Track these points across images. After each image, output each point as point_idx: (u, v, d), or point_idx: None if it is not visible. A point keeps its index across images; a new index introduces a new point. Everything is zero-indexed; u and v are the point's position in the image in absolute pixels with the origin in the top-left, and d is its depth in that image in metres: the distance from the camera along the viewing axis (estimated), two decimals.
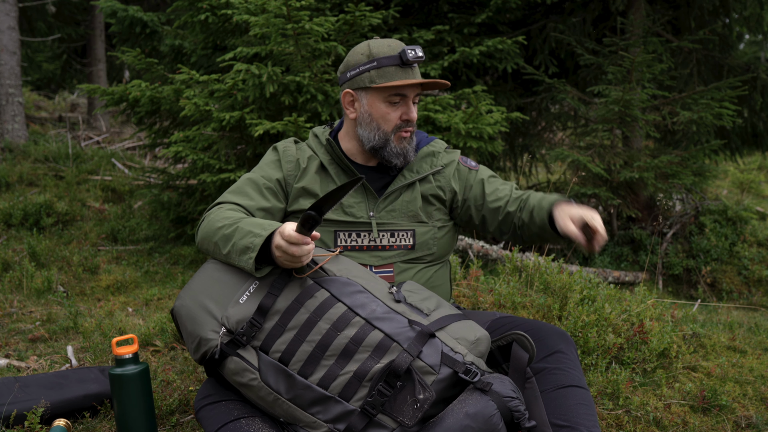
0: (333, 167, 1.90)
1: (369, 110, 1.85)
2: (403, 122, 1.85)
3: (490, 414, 1.44)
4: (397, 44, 1.83)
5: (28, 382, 2.16)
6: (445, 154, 2.00)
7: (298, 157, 1.91)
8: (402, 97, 1.84)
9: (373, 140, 1.86)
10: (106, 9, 4.62)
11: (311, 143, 1.96)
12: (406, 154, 1.88)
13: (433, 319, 1.60)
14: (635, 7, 4.68)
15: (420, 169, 1.93)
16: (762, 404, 2.34)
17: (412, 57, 1.79)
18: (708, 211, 4.88)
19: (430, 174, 1.94)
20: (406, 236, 1.88)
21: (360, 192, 1.89)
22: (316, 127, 2.02)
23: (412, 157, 1.90)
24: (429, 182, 1.94)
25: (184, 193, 4.47)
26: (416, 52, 1.80)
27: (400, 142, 1.86)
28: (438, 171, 1.95)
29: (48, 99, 12.14)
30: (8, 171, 5.76)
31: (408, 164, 1.93)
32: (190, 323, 1.64)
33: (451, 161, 1.98)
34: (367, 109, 1.86)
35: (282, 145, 1.96)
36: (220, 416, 1.61)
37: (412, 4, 4.50)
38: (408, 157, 1.89)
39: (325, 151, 1.92)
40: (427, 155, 1.97)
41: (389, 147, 1.86)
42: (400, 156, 1.87)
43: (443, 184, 1.94)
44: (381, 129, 1.85)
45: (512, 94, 4.88)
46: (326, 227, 1.84)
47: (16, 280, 3.51)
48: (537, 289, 2.88)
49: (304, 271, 1.64)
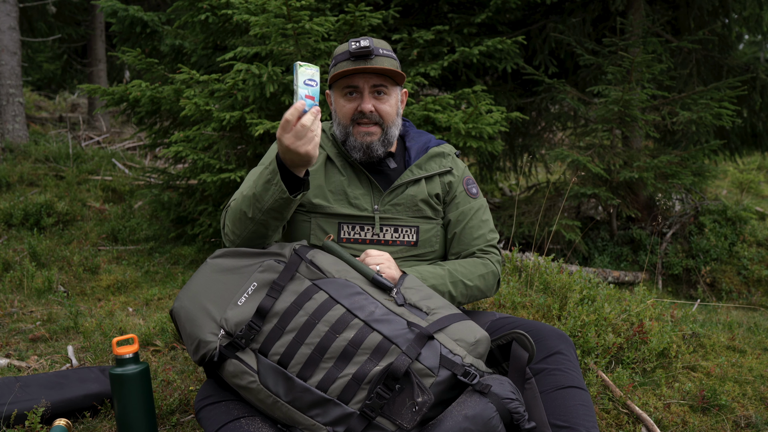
0: (339, 160, 1.92)
1: (334, 107, 1.92)
2: (358, 113, 1.86)
3: (489, 416, 1.44)
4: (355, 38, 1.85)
5: (28, 381, 2.16)
6: (455, 159, 2.02)
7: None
8: (355, 89, 1.86)
9: (340, 135, 1.91)
10: (107, 9, 4.62)
11: None
12: (369, 149, 1.87)
13: (433, 320, 1.59)
14: (635, 7, 4.68)
15: (428, 168, 1.95)
16: (761, 404, 2.34)
17: (353, 48, 1.81)
18: (707, 211, 4.89)
19: (437, 174, 1.95)
20: (410, 232, 1.89)
21: (365, 184, 1.90)
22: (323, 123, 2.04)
23: (377, 152, 1.89)
24: (434, 181, 1.95)
25: (184, 193, 4.47)
26: (360, 42, 1.81)
27: (360, 136, 1.87)
28: (446, 171, 1.97)
29: (48, 99, 12.14)
30: (9, 171, 5.77)
31: (417, 161, 1.94)
32: (189, 325, 1.64)
33: (461, 174, 2.00)
34: (333, 106, 1.93)
35: None
36: (220, 416, 1.61)
37: (412, 4, 4.51)
38: (372, 152, 1.88)
39: (332, 144, 1.95)
40: (437, 155, 1.98)
41: (350, 140, 1.89)
42: (360, 150, 1.87)
43: (449, 189, 1.96)
44: (341, 123, 1.90)
45: (512, 94, 4.88)
46: (330, 219, 1.85)
47: (16, 280, 3.52)
48: (537, 289, 2.89)
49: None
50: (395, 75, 1.86)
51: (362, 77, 1.85)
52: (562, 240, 4.43)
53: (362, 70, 1.83)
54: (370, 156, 1.88)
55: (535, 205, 4.61)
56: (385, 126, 1.89)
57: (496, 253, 1.99)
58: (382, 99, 1.88)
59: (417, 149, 1.99)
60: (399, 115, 1.95)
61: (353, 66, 1.82)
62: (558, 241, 4.48)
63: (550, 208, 4.49)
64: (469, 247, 1.95)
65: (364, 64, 1.82)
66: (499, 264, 1.99)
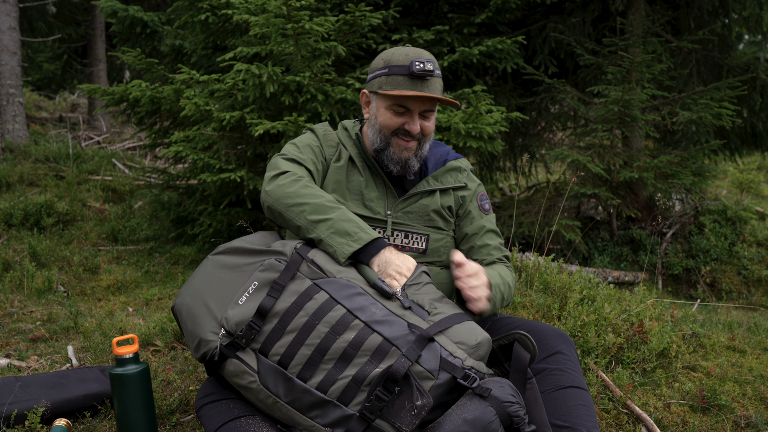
0: (360, 161, 1.93)
1: (376, 113, 1.89)
2: (403, 130, 1.85)
3: (489, 420, 1.44)
4: (415, 54, 1.82)
5: (28, 381, 2.16)
6: (470, 175, 2.03)
7: (339, 141, 1.96)
8: (406, 110, 1.84)
9: (377, 142, 1.89)
10: (107, 9, 4.62)
11: (340, 135, 1.99)
12: (407, 164, 1.88)
13: (434, 321, 1.59)
14: (635, 7, 4.68)
15: (444, 181, 1.96)
16: (761, 404, 2.34)
17: (417, 69, 1.78)
18: (707, 211, 4.89)
19: (451, 188, 1.96)
20: (420, 240, 1.90)
21: (381, 188, 1.91)
22: (345, 121, 2.05)
23: (414, 168, 1.90)
24: (448, 194, 1.96)
25: (184, 193, 4.47)
26: (424, 65, 1.78)
27: (400, 150, 1.87)
28: (461, 187, 1.97)
29: (48, 99, 12.15)
30: (9, 171, 5.77)
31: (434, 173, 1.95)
32: (191, 322, 1.64)
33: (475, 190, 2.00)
34: (375, 112, 1.90)
35: (321, 128, 1.99)
36: (220, 415, 1.61)
37: (412, 4, 4.51)
38: (409, 167, 1.89)
39: (353, 144, 1.95)
40: (453, 169, 1.99)
41: (389, 151, 1.88)
42: (398, 164, 1.88)
43: (462, 203, 1.97)
44: (382, 132, 1.88)
45: (512, 94, 4.88)
46: None
47: (16, 280, 3.52)
48: (537, 289, 2.89)
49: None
50: (446, 104, 1.86)
51: (417, 101, 1.83)
52: (562, 240, 4.43)
53: (420, 97, 1.82)
54: (407, 171, 1.90)
55: (535, 205, 4.61)
56: (422, 142, 1.90)
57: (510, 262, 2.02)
58: (428, 118, 1.88)
59: (435, 160, 2.00)
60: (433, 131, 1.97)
61: (412, 89, 1.80)
62: (558, 241, 4.48)
63: (550, 208, 4.49)
64: (489, 256, 1.96)
65: (421, 88, 1.80)
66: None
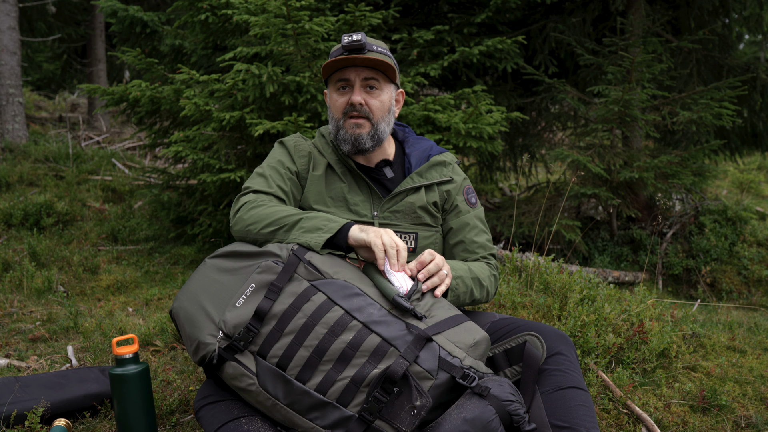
0: (340, 167, 1.93)
1: (329, 103, 1.94)
2: (349, 106, 1.87)
3: (489, 419, 1.44)
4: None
5: (28, 381, 2.16)
6: (455, 168, 2.03)
7: (310, 151, 1.96)
8: (347, 82, 1.87)
9: (333, 131, 1.92)
10: (107, 9, 4.62)
11: (318, 143, 1.99)
12: (357, 141, 1.88)
13: (432, 322, 1.58)
14: (635, 7, 4.68)
15: (429, 176, 1.96)
16: (761, 404, 2.34)
17: (347, 42, 1.82)
18: (708, 211, 4.89)
19: (435, 183, 1.95)
20: (409, 239, 1.90)
21: (365, 191, 1.91)
22: (322, 127, 2.04)
23: (366, 146, 1.89)
24: (433, 190, 1.96)
25: (184, 193, 4.47)
26: (352, 36, 1.82)
27: (351, 128, 1.88)
28: (446, 181, 1.97)
29: (48, 99, 12.14)
30: (8, 171, 5.76)
31: (418, 169, 1.95)
32: (189, 325, 1.64)
33: (460, 183, 2.00)
34: (328, 102, 1.95)
35: (291, 140, 1.99)
36: (219, 416, 1.61)
37: (412, 4, 4.51)
38: (360, 144, 1.88)
39: (332, 151, 1.95)
40: (438, 164, 1.99)
41: (340, 133, 1.89)
42: (348, 142, 1.88)
43: (447, 197, 1.97)
44: (334, 117, 1.91)
45: (512, 94, 4.88)
46: None
47: (16, 280, 3.52)
48: (537, 289, 2.88)
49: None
50: (387, 69, 1.86)
51: (354, 70, 1.85)
52: (562, 240, 4.43)
53: (352, 61, 1.83)
54: (358, 148, 1.88)
55: (535, 205, 4.61)
56: (374, 121, 1.89)
57: (495, 260, 2.01)
58: (373, 94, 1.88)
59: (417, 156, 1.99)
60: (392, 113, 1.95)
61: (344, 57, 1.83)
62: (558, 241, 4.48)
63: (550, 208, 4.49)
64: (473, 254, 1.96)
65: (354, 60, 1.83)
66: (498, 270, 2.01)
